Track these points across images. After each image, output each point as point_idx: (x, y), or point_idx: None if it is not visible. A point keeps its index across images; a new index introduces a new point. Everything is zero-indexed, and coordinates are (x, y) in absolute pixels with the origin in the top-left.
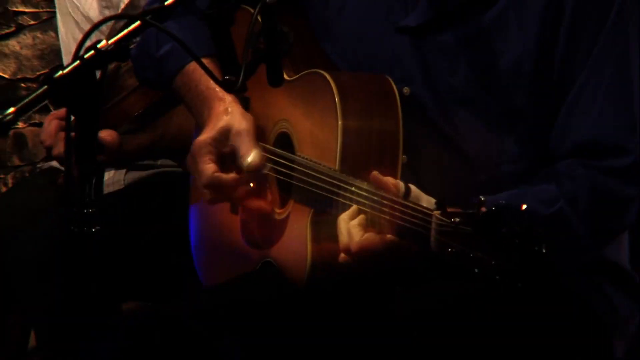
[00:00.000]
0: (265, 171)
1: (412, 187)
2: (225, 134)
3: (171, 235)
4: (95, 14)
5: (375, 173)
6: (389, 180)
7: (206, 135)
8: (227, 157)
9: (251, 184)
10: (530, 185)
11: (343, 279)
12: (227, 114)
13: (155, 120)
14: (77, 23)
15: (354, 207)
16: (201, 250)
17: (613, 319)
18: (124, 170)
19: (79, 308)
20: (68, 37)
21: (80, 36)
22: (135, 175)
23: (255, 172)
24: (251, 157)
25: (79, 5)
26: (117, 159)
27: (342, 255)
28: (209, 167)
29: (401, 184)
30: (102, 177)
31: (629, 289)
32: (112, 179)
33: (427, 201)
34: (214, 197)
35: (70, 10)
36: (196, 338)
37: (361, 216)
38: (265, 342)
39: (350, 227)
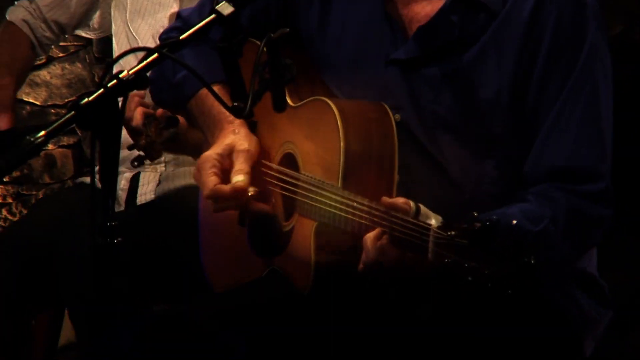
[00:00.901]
0: (250, 193)
1: (422, 206)
2: (229, 151)
3: (193, 242)
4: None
5: (384, 197)
6: (400, 200)
7: (212, 151)
8: (228, 172)
9: (251, 192)
10: (510, 205)
11: (345, 286)
12: (235, 134)
13: None
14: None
15: (378, 229)
16: (210, 257)
17: (583, 321)
18: (155, 183)
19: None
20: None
21: (134, 62)
22: (164, 187)
23: (237, 193)
24: (237, 177)
25: (136, 37)
26: (183, 144)
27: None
28: (211, 180)
29: (412, 204)
30: (136, 190)
31: (597, 294)
32: (145, 190)
33: (435, 218)
34: (217, 207)
35: (129, 41)
36: (207, 338)
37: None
38: (272, 344)
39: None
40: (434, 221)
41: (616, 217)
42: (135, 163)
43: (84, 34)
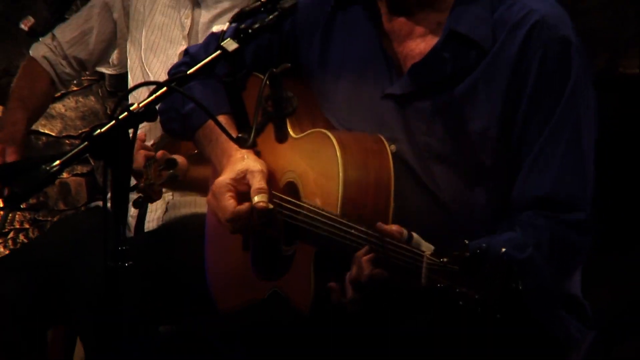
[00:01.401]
0: (270, 207)
1: (414, 234)
2: (242, 175)
3: (201, 267)
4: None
5: (379, 223)
6: (393, 227)
7: (226, 176)
8: (244, 195)
9: (271, 207)
10: (498, 230)
11: (343, 308)
12: (244, 159)
13: None
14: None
15: (367, 246)
16: (216, 279)
17: (568, 340)
18: (163, 211)
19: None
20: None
21: (144, 95)
22: (170, 215)
23: (260, 211)
24: (258, 197)
25: (149, 72)
26: (182, 182)
27: (347, 285)
28: (230, 203)
29: (405, 231)
30: (144, 217)
31: (581, 315)
32: (152, 217)
33: (427, 247)
34: (236, 229)
35: (143, 76)
36: (214, 355)
37: (372, 254)
38: None
39: (362, 262)
40: (425, 249)
41: (598, 238)
42: (136, 205)
43: (104, 70)
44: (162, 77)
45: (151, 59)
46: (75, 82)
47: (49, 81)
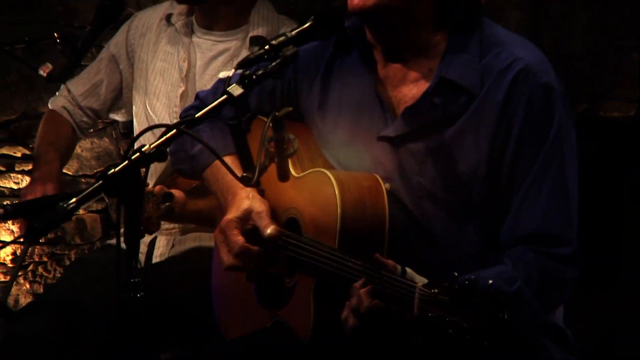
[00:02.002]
0: (280, 240)
1: (408, 269)
2: (248, 214)
3: (202, 297)
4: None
5: (377, 255)
6: (389, 262)
7: (232, 215)
8: (248, 232)
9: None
10: (488, 264)
11: (342, 335)
12: (249, 199)
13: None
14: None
15: (363, 278)
16: (222, 308)
17: None
18: (170, 246)
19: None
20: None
21: (153, 138)
22: (178, 249)
23: (273, 240)
24: (270, 229)
25: (153, 115)
26: (180, 213)
27: (349, 313)
28: (239, 239)
29: (399, 267)
30: (152, 251)
31: (563, 343)
32: (160, 252)
33: (420, 280)
34: (243, 263)
35: (147, 119)
36: None
37: (369, 286)
38: None
39: (361, 294)
40: (418, 281)
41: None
42: None
43: (117, 117)
44: (165, 119)
45: (154, 103)
46: (92, 130)
47: (71, 128)
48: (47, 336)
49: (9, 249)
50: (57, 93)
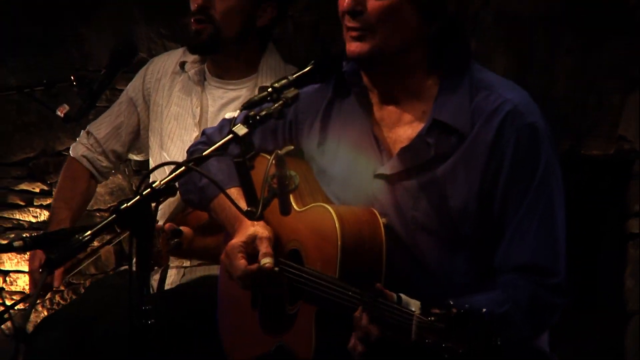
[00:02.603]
0: (275, 269)
1: (402, 295)
2: (252, 239)
3: (209, 322)
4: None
5: (379, 285)
6: (386, 292)
7: (238, 239)
8: (253, 257)
9: (276, 269)
10: (479, 291)
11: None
12: (254, 225)
13: (221, 230)
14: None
15: (361, 307)
16: (227, 333)
17: None
18: (181, 275)
19: None
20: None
21: (164, 174)
22: (188, 277)
23: (264, 270)
24: (265, 259)
25: (167, 157)
26: (188, 249)
27: (356, 343)
28: (241, 263)
29: (394, 295)
30: (165, 279)
31: None
32: (172, 280)
33: (414, 304)
34: (246, 285)
35: (161, 160)
36: None
37: (369, 316)
38: None
39: (363, 323)
40: (413, 307)
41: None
42: None
43: (135, 157)
44: (179, 160)
45: (169, 145)
46: (113, 171)
47: (88, 178)
48: (60, 351)
49: (27, 278)
50: (77, 139)
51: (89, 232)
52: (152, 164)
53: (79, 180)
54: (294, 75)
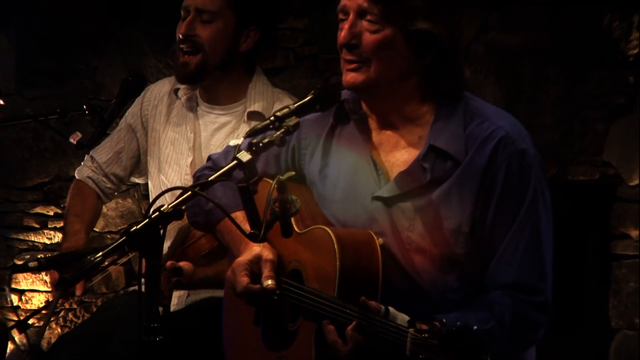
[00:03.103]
0: (275, 296)
1: (391, 308)
2: (257, 259)
3: (214, 339)
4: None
5: (363, 298)
6: (373, 303)
7: (244, 258)
8: (256, 276)
9: (278, 291)
10: (470, 308)
11: None
12: (259, 246)
13: (220, 259)
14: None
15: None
16: (231, 349)
17: None
18: (185, 297)
19: None
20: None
21: (170, 199)
22: (192, 298)
23: (268, 292)
24: (268, 282)
25: (166, 181)
26: (189, 282)
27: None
28: (244, 280)
29: (382, 307)
30: (170, 300)
31: None
32: (177, 301)
33: (401, 317)
34: (247, 302)
35: (160, 184)
36: None
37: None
38: None
39: (353, 335)
40: (400, 320)
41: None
42: None
43: (138, 180)
44: (176, 183)
45: (166, 169)
46: (116, 193)
47: (95, 196)
48: None
49: (42, 297)
50: (82, 163)
51: (100, 253)
52: (150, 187)
53: (87, 197)
54: (295, 105)
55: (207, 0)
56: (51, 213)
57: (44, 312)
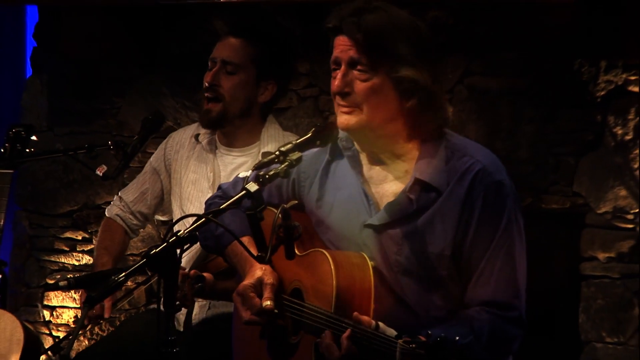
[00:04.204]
0: (273, 315)
1: (381, 323)
2: (260, 282)
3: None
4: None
5: (356, 313)
6: (365, 318)
7: (248, 281)
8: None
9: (275, 311)
10: (451, 322)
11: None
12: (262, 270)
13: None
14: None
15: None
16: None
17: None
18: (206, 309)
19: None
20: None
21: (185, 226)
22: (212, 312)
23: (266, 311)
24: (267, 302)
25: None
26: (210, 293)
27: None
28: (257, 301)
29: (373, 322)
30: (191, 313)
31: None
32: (199, 310)
33: (390, 332)
34: (261, 320)
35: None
36: None
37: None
38: None
39: (346, 344)
40: (388, 334)
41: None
42: (176, 310)
43: (161, 218)
44: None
45: (188, 206)
46: (141, 229)
47: (123, 232)
48: None
49: (71, 313)
50: (111, 202)
51: (123, 274)
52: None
53: (116, 233)
54: (298, 141)
55: (233, 54)
56: (79, 237)
57: (73, 326)
